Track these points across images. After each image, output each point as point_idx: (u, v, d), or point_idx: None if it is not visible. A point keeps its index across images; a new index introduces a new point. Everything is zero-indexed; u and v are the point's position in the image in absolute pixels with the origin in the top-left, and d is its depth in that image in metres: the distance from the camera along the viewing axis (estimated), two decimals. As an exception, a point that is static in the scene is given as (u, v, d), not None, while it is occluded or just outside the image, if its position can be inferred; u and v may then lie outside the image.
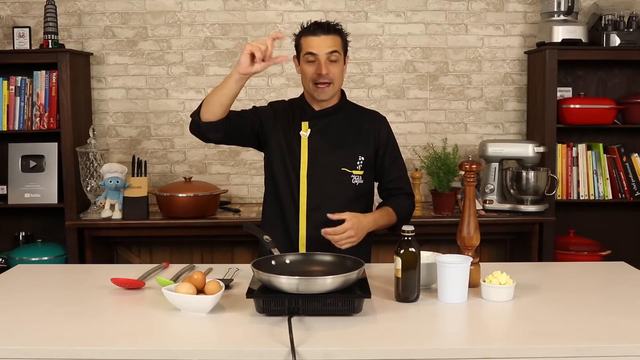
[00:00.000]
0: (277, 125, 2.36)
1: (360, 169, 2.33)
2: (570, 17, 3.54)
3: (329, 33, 2.27)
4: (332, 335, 1.67)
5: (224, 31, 3.78)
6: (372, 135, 2.37)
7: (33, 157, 3.57)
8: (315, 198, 2.29)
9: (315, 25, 2.28)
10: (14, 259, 3.43)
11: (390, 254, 2.04)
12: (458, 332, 1.79)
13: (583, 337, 1.67)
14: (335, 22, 2.32)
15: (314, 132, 2.34)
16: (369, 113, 2.46)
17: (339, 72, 2.30)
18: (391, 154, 2.39)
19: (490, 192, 3.49)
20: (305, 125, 2.34)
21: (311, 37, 2.26)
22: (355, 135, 2.36)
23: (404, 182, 2.41)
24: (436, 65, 3.81)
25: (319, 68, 2.25)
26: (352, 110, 2.43)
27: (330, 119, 2.36)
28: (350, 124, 2.37)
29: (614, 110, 3.59)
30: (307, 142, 2.33)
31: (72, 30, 3.75)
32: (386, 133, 2.40)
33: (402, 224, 2.24)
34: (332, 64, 2.27)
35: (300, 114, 2.37)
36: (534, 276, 2.21)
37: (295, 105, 2.41)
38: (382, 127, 2.40)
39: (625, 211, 3.79)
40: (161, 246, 3.69)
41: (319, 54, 2.25)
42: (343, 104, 2.40)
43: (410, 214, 2.39)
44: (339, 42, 2.29)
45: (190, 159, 3.84)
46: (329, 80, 2.26)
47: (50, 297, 2.05)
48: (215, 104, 2.17)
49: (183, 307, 1.84)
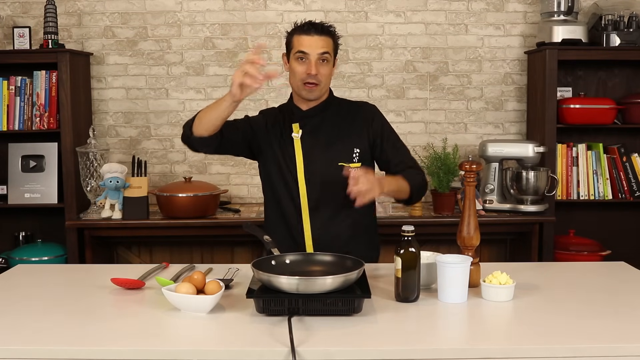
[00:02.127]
0: (270, 132, 2.36)
1: (357, 161, 2.31)
2: (570, 17, 3.54)
3: (322, 34, 2.27)
4: (332, 335, 1.67)
5: (224, 31, 3.78)
6: (365, 126, 2.35)
7: (33, 157, 3.57)
8: (315, 197, 2.29)
9: (309, 25, 2.28)
10: (14, 259, 3.43)
11: (390, 254, 2.04)
12: (458, 332, 1.79)
13: (583, 337, 1.67)
14: (329, 24, 2.32)
15: (306, 132, 2.33)
16: (358, 105, 2.45)
17: (328, 74, 2.30)
18: (389, 140, 2.36)
19: (490, 192, 3.49)
20: (296, 127, 2.34)
21: (304, 36, 2.26)
22: (348, 129, 2.34)
23: (412, 162, 2.35)
24: (436, 65, 3.81)
25: (309, 68, 2.25)
26: (341, 104, 2.42)
27: (320, 116, 2.35)
28: (341, 119, 2.36)
29: (614, 110, 3.59)
30: (299, 142, 2.32)
31: (72, 30, 3.75)
32: (380, 121, 2.38)
33: (415, 191, 2.22)
34: (322, 65, 2.26)
35: (290, 116, 2.37)
36: (534, 276, 2.21)
37: (285, 109, 2.41)
38: (374, 116, 2.39)
39: (625, 211, 3.79)
40: (161, 246, 3.69)
41: (311, 53, 2.25)
42: (331, 101, 2.39)
43: (422, 187, 2.31)
44: (331, 44, 2.29)
45: (190, 159, 3.84)
46: (317, 81, 2.26)
47: (50, 297, 2.05)
48: (207, 123, 2.19)
49: (183, 307, 1.84)
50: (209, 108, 2.19)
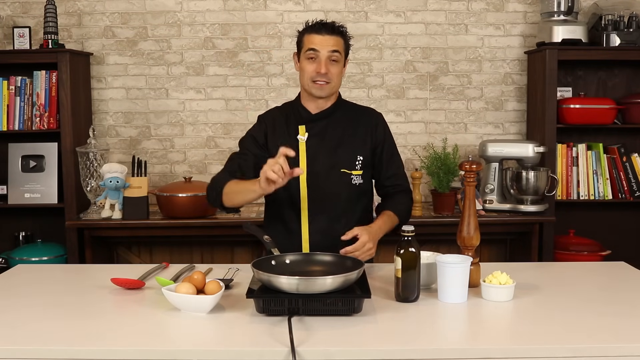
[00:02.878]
0: (272, 138, 2.35)
1: (360, 168, 2.33)
2: (570, 17, 3.54)
3: (333, 34, 2.27)
4: (332, 335, 1.67)
5: (224, 31, 3.78)
6: (369, 133, 2.36)
7: (33, 157, 3.58)
8: (317, 202, 2.28)
9: (320, 24, 2.28)
10: (14, 259, 3.43)
11: (390, 254, 2.04)
12: (458, 332, 1.79)
13: (583, 337, 1.67)
14: (340, 24, 2.32)
15: (312, 136, 2.33)
16: (365, 111, 2.45)
17: (338, 73, 2.30)
18: (388, 150, 2.39)
19: (490, 192, 3.49)
20: (302, 129, 2.33)
21: (315, 35, 2.26)
22: (353, 135, 2.35)
23: (401, 179, 2.41)
24: (436, 65, 3.81)
25: (319, 66, 2.25)
26: (349, 109, 2.42)
27: (328, 120, 2.35)
28: (347, 124, 2.36)
29: (614, 110, 3.59)
30: (305, 146, 2.32)
31: (72, 30, 3.76)
32: (383, 130, 2.40)
33: (402, 221, 2.27)
34: (332, 64, 2.27)
35: (297, 117, 2.36)
36: (534, 276, 2.21)
37: (290, 109, 2.40)
38: (378, 123, 2.40)
39: (625, 211, 3.79)
40: (161, 246, 3.69)
41: (321, 51, 2.25)
42: (339, 105, 2.39)
43: (409, 212, 2.40)
44: (342, 44, 2.29)
45: (190, 159, 3.84)
46: (327, 79, 2.26)
47: (50, 297, 2.05)
48: (236, 202, 2.27)
49: (183, 307, 1.84)
50: (239, 191, 2.23)
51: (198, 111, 3.81)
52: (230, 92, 3.80)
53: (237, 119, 3.80)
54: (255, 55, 3.79)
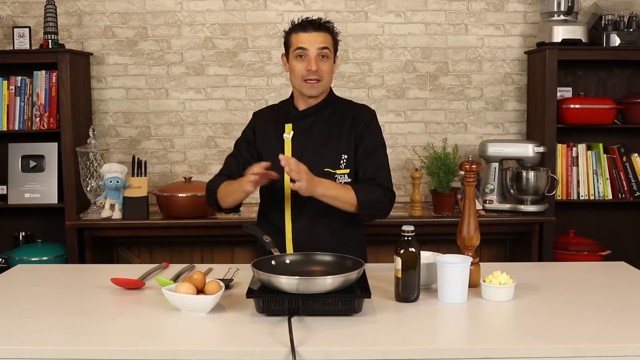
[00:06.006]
0: (263, 136, 2.35)
1: (345, 167, 2.27)
2: (570, 17, 3.54)
3: (320, 30, 2.24)
4: (332, 335, 1.67)
5: (224, 31, 3.78)
6: (353, 130, 2.30)
7: (33, 157, 3.58)
8: (300, 201, 2.23)
9: (306, 22, 2.26)
10: (14, 259, 3.43)
11: (390, 254, 2.04)
12: (458, 332, 1.79)
13: (583, 337, 1.67)
14: (327, 20, 2.30)
15: (298, 134, 2.30)
16: (354, 107, 2.37)
17: (329, 70, 2.27)
18: (368, 146, 2.28)
19: (490, 192, 3.49)
20: (288, 128, 2.31)
21: (302, 33, 2.24)
22: (339, 133, 2.30)
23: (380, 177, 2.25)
24: (436, 65, 3.81)
25: (309, 64, 2.22)
26: (339, 106, 2.36)
27: (314, 118, 2.31)
28: (333, 122, 2.31)
29: (614, 110, 3.59)
30: (290, 144, 2.30)
31: (72, 30, 3.76)
32: (366, 125, 2.30)
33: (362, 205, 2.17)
34: (322, 60, 2.23)
35: (284, 115, 2.35)
36: (534, 276, 2.21)
37: (280, 108, 2.39)
38: (363, 119, 2.30)
39: (625, 211, 3.79)
40: (161, 246, 3.69)
41: (310, 49, 2.22)
42: (329, 101, 2.33)
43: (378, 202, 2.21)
44: (330, 40, 2.27)
45: (190, 159, 3.84)
46: (319, 77, 2.23)
47: (50, 297, 2.05)
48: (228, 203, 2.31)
49: (183, 307, 1.85)
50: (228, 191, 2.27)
51: (198, 111, 3.81)
52: (230, 92, 3.81)
53: (237, 119, 3.80)
54: (255, 55, 3.79)
